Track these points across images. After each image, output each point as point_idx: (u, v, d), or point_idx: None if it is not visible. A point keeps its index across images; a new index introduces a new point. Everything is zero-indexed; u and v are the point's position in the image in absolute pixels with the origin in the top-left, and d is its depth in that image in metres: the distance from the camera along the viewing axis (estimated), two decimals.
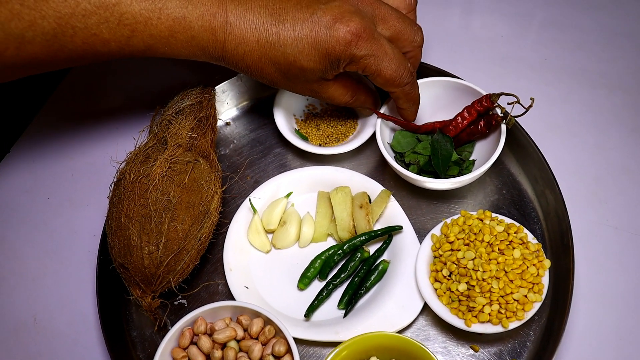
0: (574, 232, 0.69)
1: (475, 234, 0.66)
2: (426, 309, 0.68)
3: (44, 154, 0.86)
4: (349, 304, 0.69)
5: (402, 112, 0.74)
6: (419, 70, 0.77)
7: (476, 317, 0.63)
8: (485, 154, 0.73)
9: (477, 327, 0.63)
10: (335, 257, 0.71)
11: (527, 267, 0.64)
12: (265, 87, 0.85)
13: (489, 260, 0.64)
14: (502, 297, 0.63)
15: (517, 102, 0.69)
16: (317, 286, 0.71)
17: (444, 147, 0.72)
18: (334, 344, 0.64)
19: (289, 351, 0.63)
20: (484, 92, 0.73)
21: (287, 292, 0.71)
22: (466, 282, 0.64)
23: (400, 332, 0.66)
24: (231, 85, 0.84)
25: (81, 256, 0.77)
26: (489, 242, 0.65)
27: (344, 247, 0.71)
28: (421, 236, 0.71)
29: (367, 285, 0.70)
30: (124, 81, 0.92)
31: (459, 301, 0.64)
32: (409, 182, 0.73)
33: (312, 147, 0.77)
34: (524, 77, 0.89)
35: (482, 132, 0.73)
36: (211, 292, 0.72)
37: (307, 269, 0.71)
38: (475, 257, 0.64)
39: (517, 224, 0.67)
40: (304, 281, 0.70)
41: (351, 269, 0.70)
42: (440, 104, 0.78)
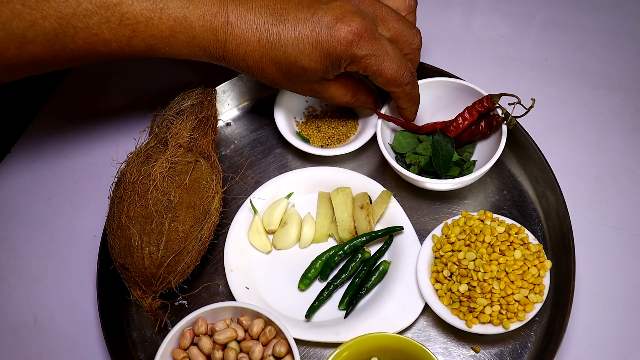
0: (575, 232, 0.69)
1: (476, 235, 0.66)
2: (427, 310, 0.68)
3: (45, 154, 0.86)
4: (349, 304, 0.69)
5: (403, 112, 0.74)
6: (420, 70, 0.77)
7: (477, 317, 0.63)
8: (486, 155, 0.73)
9: (478, 328, 0.63)
10: (336, 258, 0.71)
11: (528, 267, 0.64)
12: (265, 88, 0.85)
13: (490, 261, 0.64)
14: (503, 297, 0.63)
15: (518, 102, 0.69)
16: (317, 287, 0.71)
17: (445, 148, 0.72)
18: (334, 345, 0.64)
19: (290, 352, 0.62)
20: (484, 93, 0.73)
21: (288, 292, 0.71)
22: (467, 283, 0.64)
23: (401, 332, 0.66)
24: (232, 85, 0.84)
25: (82, 257, 0.77)
26: (489, 243, 0.65)
27: (345, 248, 0.71)
28: (422, 237, 0.71)
29: (368, 286, 0.70)
30: (125, 81, 0.92)
31: (460, 302, 0.64)
32: (409, 182, 0.73)
33: (313, 148, 0.77)
34: (524, 77, 0.89)
35: (483, 132, 0.73)
36: (212, 292, 0.72)
37: (308, 270, 0.71)
38: (476, 258, 0.64)
39: (518, 225, 0.67)
40: (305, 282, 0.70)
41: (352, 269, 0.70)
42: (441, 104, 0.78)
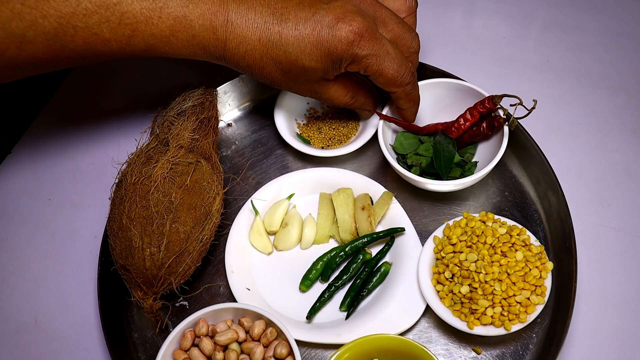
0: (577, 234, 0.69)
1: (477, 236, 0.66)
2: (428, 311, 0.68)
3: (45, 154, 0.85)
4: (351, 306, 0.68)
5: (403, 113, 0.74)
6: (421, 71, 0.77)
7: (478, 319, 0.63)
8: (487, 156, 0.73)
9: (480, 330, 0.63)
10: (337, 259, 0.71)
11: (530, 269, 0.63)
12: (267, 89, 0.85)
13: (492, 262, 0.64)
14: (504, 299, 0.63)
15: (520, 103, 0.69)
16: (319, 288, 0.71)
17: (447, 149, 0.72)
18: (336, 346, 0.64)
19: (291, 353, 0.62)
20: (486, 94, 0.73)
21: (289, 294, 0.71)
22: (468, 284, 0.64)
23: (402, 334, 0.66)
24: (233, 86, 0.84)
25: (82, 257, 0.77)
26: (491, 244, 0.65)
27: (346, 249, 0.71)
28: (423, 238, 0.71)
29: (369, 287, 0.69)
30: (126, 82, 0.92)
31: (462, 303, 0.64)
32: (411, 183, 0.73)
33: (313, 149, 0.77)
34: (526, 78, 0.89)
35: (484, 133, 0.73)
36: (213, 293, 0.72)
37: (309, 271, 0.71)
38: (477, 259, 0.64)
39: (520, 226, 0.67)
40: (306, 283, 0.70)
41: (353, 270, 0.70)
42: (442, 105, 0.78)
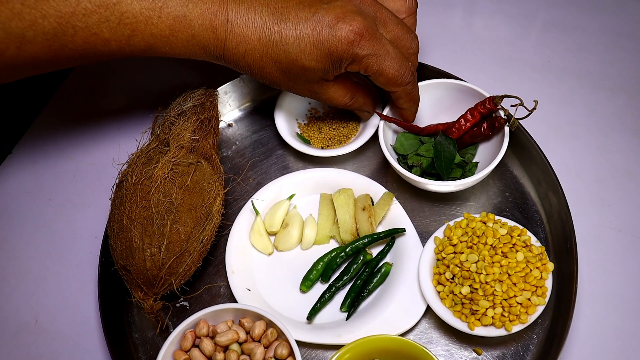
0: (577, 234, 0.69)
1: (478, 237, 0.66)
2: (429, 312, 0.67)
3: (46, 155, 0.85)
4: (351, 306, 0.68)
5: (403, 113, 0.74)
6: (421, 71, 0.77)
7: (479, 320, 0.63)
8: (488, 156, 0.73)
9: (480, 330, 0.63)
10: (337, 260, 0.71)
11: (531, 270, 0.63)
12: (267, 89, 0.85)
13: (492, 263, 0.64)
14: (505, 300, 0.62)
15: (521, 104, 0.69)
16: (319, 289, 0.71)
17: (447, 149, 0.72)
18: (336, 347, 0.64)
19: (292, 354, 0.62)
20: (487, 94, 0.73)
21: (290, 294, 0.71)
22: (469, 285, 0.64)
23: (402, 334, 0.66)
24: (233, 86, 0.84)
25: (83, 258, 0.77)
26: (492, 245, 0.65)
27: (347, 250, 0.71)
28: (424, 239, 0.71)
29: (370, 287, 0.69)
30: (126, 82, 0.92)
31: (462, 304, 0.64)
32: (411, 184, 0.73)
33: (313, 149, 0.77)
34: (526, 79, 0.89)
35: (485, 134, 0.73)
36: (213, 294, 0.72)
37: (310, 272, 0.71)
38: (478, 260, 0.64)
39: (521, 227, 0.67)
40: (307, 284, 0.70)
41: (354, 271, 0.70)
42: (443, 106, 0.78)
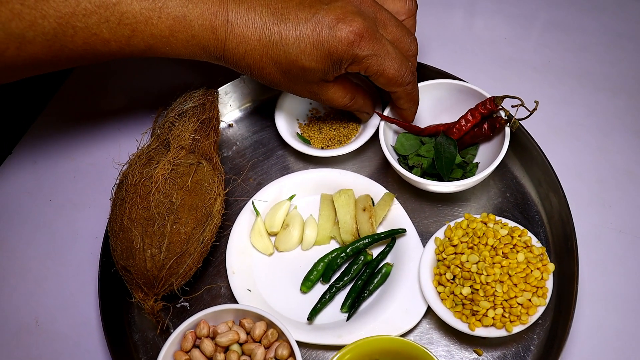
0: (578, 235, 0.69)
1: (479, 238, 0.66)
2: (429, 313, 0.67)
3: (46, 155, 0.85)
4: (352, 307, 0.68)
5: (403, 113, 0.74)
6: (421, 72, 0.77)
7: (480, 320, 0.63)
8: (489, 157, 0.73)
9: (481, 331, 0.63)
10: (338, 260, 0.71)
11: (531, 270, 0.63)
12: (267, 89, 0.85)
13: (493, 263, 0.64)
14: (506, 300, 0.62)
15: (521, 104, 0.69)
16: (320, 289, 0.71)
17: (448, 150, 0.72)
18: (337, 348, 0.64)
19: (292, 354, 0.62)
20: (487, 95, 0.73)
21: (290, 295, 0.71)
22: (470, 286, 0.64)
23: (403, 335, 0.66)
24: (234, 87, 0.84)
25: (83, 258, 0.77)
26: (492, 246, 0.65)
27: (347, 250, 0.71)
28: (424, 239, 0.71)
29: (370, 288, 0.69)
30: (127, 82, 0.92)
31: (463, 305, 0.64)
32: (412, 184, 0.73)
33: (313, 150, 0.77)
34: (527, 79, 0.88)
35: (485, 134, 0.73)
36: (214, 295, 0.72)
37: (310, 272, 0.70)
38: (479, 261, 0.64)
39: (521, 228, 0.67)
40: (307, 284, 0.70)
41: (354, 272, 0.70)
42: (443, 106, 0.77)
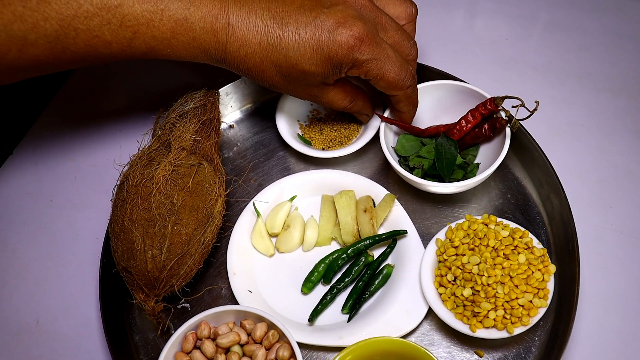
0: (579, 236, 0.69)
1: (480, 239, 0.66)
2: (430, 314, 0.67)
3: (47, 156, 0.85)
4: (353, 308, 0.68)
5: (402, 116, 0.74)
6: (422, 72, 0.77)
7: (481, 322, 0.63)
8: (489, 158, 0.73)
9: (482, 333, 0.63)
10: (339, 261, 0.71)
11: (532, 272, 0.63)
12: (268, 90, 0.85)
13: (494, 265, 0.64)
14: (507, 302, 0.62)
15: (522, 105, 0.69)
16: (321, 290, 0.71)
17: (448, 151, 0.72)
18: (338, 349, 0.64)
19: (293, 356, 0.62)
20: (488, 95, 0.73)
21: (291, 296, 0.70)
22: (471, 287, 0.64)
23: (404, 336, 0.66)
24: (235, 87, 0.84)
25: (84, 259, 0.77)
26: (494, 247, 0.65)
27: (348, 251, 0.71)
28: (425, 240, 0.71)
29: (371, 289, 0.69)
30: (128, 83, 0.92)
31: (464, 306, 0.64)
32: (413, 186, 0.73)
33: (314, 151, 0.77)
34: (528, 80, 0.88)
35: (486, 135, 0.73)
36: (214, 296, 0.72)
37: (311, 273, 0.70)
38: (480, 262, 0.64)
39: (522, 229, 0.67)
40: (308, 285, 0.70)
41: (355, 273, 0.70)
42: (444, 107, 0.77)
